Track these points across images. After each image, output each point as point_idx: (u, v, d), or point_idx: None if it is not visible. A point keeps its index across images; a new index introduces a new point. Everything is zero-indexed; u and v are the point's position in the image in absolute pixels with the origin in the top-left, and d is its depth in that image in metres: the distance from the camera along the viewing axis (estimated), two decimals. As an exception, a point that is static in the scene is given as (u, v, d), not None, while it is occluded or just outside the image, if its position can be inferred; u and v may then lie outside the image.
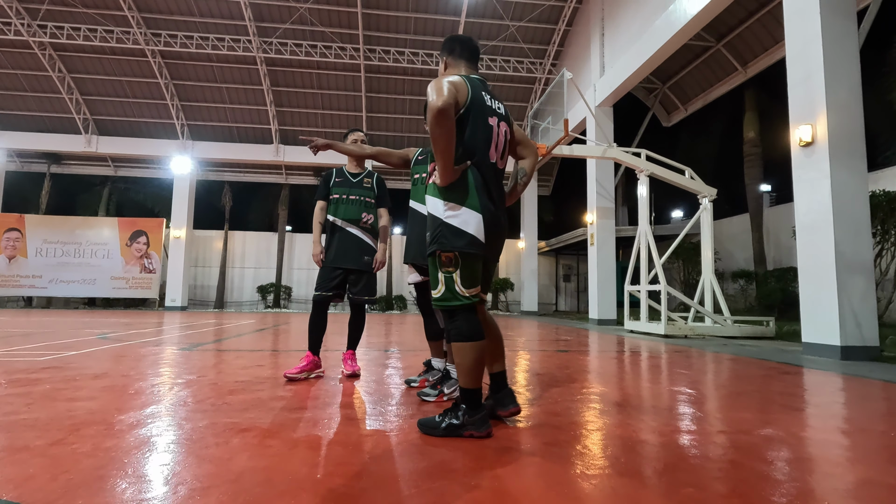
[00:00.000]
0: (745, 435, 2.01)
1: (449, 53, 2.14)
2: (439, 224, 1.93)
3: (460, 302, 1.92)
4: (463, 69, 2.12)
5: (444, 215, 1.92)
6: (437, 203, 1.95)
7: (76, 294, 17.19)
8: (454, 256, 1.90)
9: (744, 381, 3.50)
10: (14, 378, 3.03)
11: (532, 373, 3.68)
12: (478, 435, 1.89)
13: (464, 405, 1.92)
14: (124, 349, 4.78)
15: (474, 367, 1.90)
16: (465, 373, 1.91)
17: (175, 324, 9.18)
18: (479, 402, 1.92)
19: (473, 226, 1.90)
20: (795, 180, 5.60)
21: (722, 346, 6.40)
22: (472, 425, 1.89)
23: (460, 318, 1.93)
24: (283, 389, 2.84)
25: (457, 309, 1.94)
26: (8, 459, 1.55)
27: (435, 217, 1.95)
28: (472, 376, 1.91)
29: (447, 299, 1.94)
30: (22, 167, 19.04)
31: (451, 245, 1.89)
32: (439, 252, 1.92)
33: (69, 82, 16.16)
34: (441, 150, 1.83)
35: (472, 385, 1.91)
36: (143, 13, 14.59)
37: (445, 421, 1.91)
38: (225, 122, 17.63)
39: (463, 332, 1.91)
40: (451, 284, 1.92)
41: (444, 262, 1.92)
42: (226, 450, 1.70)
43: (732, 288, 14.06)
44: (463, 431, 1.89)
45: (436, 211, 1.95)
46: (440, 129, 1.78)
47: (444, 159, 1.85)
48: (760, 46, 11.88)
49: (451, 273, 1.91)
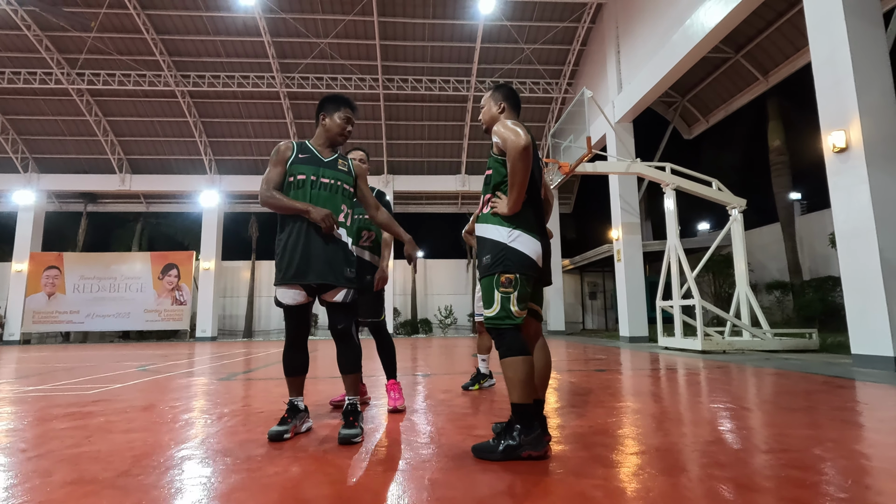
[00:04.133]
0: (816, 454, 1.93)
1: (506, 99, 2.32)
2: (503, 248, 2.05)
3: (512, 321, 2.01)
4: (513, 118, 2.30)
5: (508, 240, 2.05)
6: (500, 229, 2.08)
7: (112, 328, 17.66)
8: (514, 278, 2.02)
9: (798, 396, 3.37)
10: (69, 412, 3.11)
11: (574, 393, 3.62)
12: (536, 455, 1.88)
13: (518, 424, 1.91)
14: (166, 381, 4.88)
15: (527, 382, 1.93)
16: (518, 387, 1.93)
17: (207, 354, 9.34)
18: (533, 420, 1.92)
19: (534, 251, 2.07)
20: (832, 187, 5.46)
21: (764, 360, 6.18)
22: (530, 444, 1.87)
23: (509, 335, 2.01)
24: (328, 416, 2.85)
25: (507, 328, 2.02)
26: (80, 492, 1.59)
27: (497, 242, 2.07)
28: (525, 391, 1.93)
29: (501, 318, 2.02)
30: (60, 207, 19.90)
31: (514, 267, 2.02)
32: (500, 273, 2.03)
33: (104, 125, 16.96)
34: (519, 181, 2.00)
35: (525, 400, 1.92)
36: (174, 56, 15.32)
37: (503, 443, 1.91)
38: (250, 156, 18.18)
39: (514, 348, 1.98)
40: (507, 304, 2.01)
41: (504, 283, 2.02)
42: (286, 478, 1.71)
43: (768, 300, 13.63)
44: (521, 452, 1.88)
45: (498, 236, 2.08)
46: (523, 163, 1.97)
47: (520, 189, 2.02)
48: (781, 55, 11.77)
49: (509, 294, 2.02)
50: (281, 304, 2.40)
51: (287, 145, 2.45)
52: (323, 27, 14.57)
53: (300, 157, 2.43)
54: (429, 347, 10.49)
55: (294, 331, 2.43)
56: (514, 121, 2.11)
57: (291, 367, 2.44)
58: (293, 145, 2.46)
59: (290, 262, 2.32)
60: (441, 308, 19.83)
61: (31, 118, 16.79)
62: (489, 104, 2.32)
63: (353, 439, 2.21)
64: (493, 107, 2.29)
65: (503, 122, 2.08)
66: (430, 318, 19.79)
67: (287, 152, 2.42)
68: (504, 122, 2.09)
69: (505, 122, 2.09)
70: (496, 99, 2.31)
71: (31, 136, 17.24)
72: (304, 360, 2.46)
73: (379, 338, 3.21)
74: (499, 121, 2.18)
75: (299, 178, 2.40)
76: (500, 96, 2.31)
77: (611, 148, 11.78)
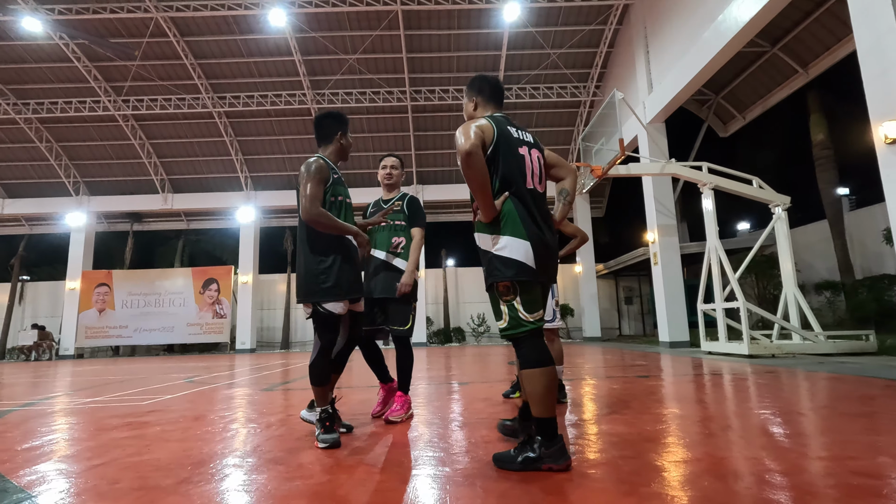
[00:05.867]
0: (884, 461, 1.83)
1: (478, 93, 2.21)
2: (490, 257, 1.97)
3: (526, 328, 1.92)
4: (491, 109, 2.20)
5: (493, 248, 1.96)
6: (486, 238, 2.00)
7: (157, 341, 18.39)
8: (510, 285, 1.92)
9: (858, 402, 3.19)
10: (126, 422, 3.26)
11: (617, 399, 3.54)
12: (556, 468, 1.82)
13: (539, 437, 1.87)
14: (212, 391, 5.04)
15: (547, 395, 1.87)
16: (538, 401, 1.87)
17: (247, 366, 9.59)
18: (555, 432, 1.85)
19: (522, 253, 1.92)
20: (885, 180, 5.20)
21: (817, 364, 5.89)
22: (550, 457, 1.83)
23: (527, 345, 1.93)
24: (372, 425, 2.88)
25: (523, 336, 1.93)
26: (146, 498, 1.66)
27: (485, 251, 2.00)
28: (546, 404, 1.86)
29: (513, 328, 1.93)
30: (109, 227, 20.95)
31: (503, 275, 1.92)
32: (496, 283, 1.96)
33: (148, 147, 17.80)
34: (476, 188, 1.91)
35: (547, 414, 1.85)
36: (211, 80, 15.99)
37: (522, 454, 1.87)
38: (284, 172, 18.71)
39: (530, 359, 1.90)
40: (515, 313, 1.93)
41: (503, 291, 1.94)
42: (337, 484, 1.74)
43: (817, 301, 13.00)
44: (541, 465, 1.84)
45: (485, 245, 2.00)
46: (470, 170, 1.87)
47: (482, 197, 1.92)
48: (821, 46, 11.32)
49: (511, 301, 1.93)
50: (324, 314, 2.44)
51: (324, 164, 2.49)
52: (351, 43, 14.93)
53: (334, 177, 2.53)
54: (463, 356, 10.47)
55: (334, 338, 2.51)
56: (478, 122, 2.00)
57: (326, 375, 2.47)
58: (327, 164, 2.52)
59: (354, 278, 2.54)
60: (474, 316, 19.76)
61: (81, 144, 17.81)
62: (465, 103, 2.26)
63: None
64: (469, 105, 2.24)
65: (464, 125, 1.97)
66: (463, 327, 19.74)
67: (327, 171, 2.48)
68: (466, 124, 1.98)
69: (466, 124, 1.98)
70: (469, 96, 2.24)
71: (81, 160, 18.27)
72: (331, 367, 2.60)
73: (401, 348, 3.07)
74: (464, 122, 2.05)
75: (339, 200, 2.51)
76: (473, 91, 2.22)
77: (643, 149, 11.56)
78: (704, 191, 8.33)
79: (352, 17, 14.17)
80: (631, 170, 9.23)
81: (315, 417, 2.51)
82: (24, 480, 1.92)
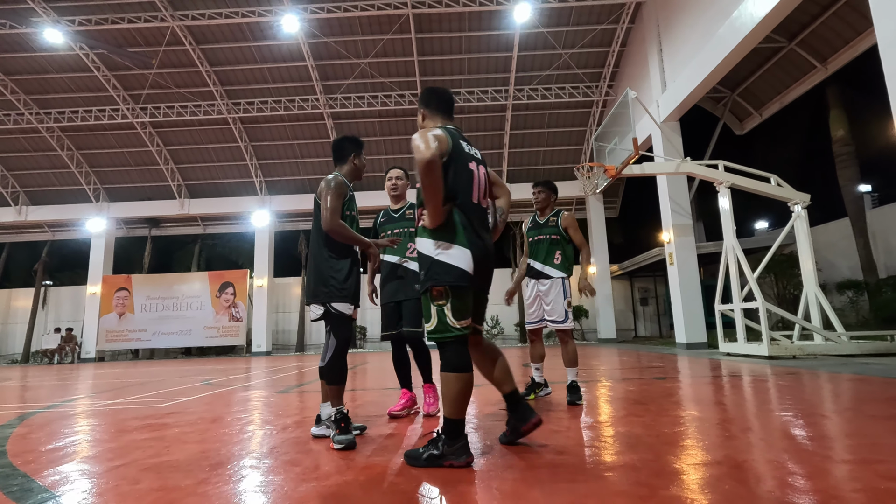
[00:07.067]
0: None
1: (426, 106, 2.29)
2: (430, 262, 2.05)
3: (452, 334, 2.01)
4: (439, 120, 2.26)
5: (435, 253, 2.03)
6: (428, 243, 2.07)
7: (175, 344, 18.68)
8: (444, 290, 2.00)
9: (885, 404, 3.11)
10: (146, 423, 3.31)
11: (633, 401, 3.49)
12: (457, 464, 1.93)
13: (444, 435, 1.97)
14: (229, 394, 5.10)
15: (458, 399, 1.98)
16: (450, 403, 1.99)
17: (263, 368, 9.68)
18: (460, 433, 1.96)
19: (464, 261, 2.01)
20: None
21: (840, 365, 5.75)
22: (452, 455, 1.94)
23: (450, 350, 2.03)
24: (386, 426, 2.89)
25: (448, 341, 2.02)
26: (166, 498, 1.68)
27: (426, 255, 2.07)
28: (456, 407, 1.97)
29: (440, 331, 2.02)
30: (128, 233, 21.34)
31: (442, 280, 2.00)
32: (432, 286, 2.02)
33: (165, 154, 18.12)
34: (430, 195, 1.98)
35: (455, 415, 1.97)
36: (225, 86, 16.24)
37: (427, 452, 1.98)
38: (298, 176, 18.90)
39: (451, 363, 2.01)
40: (443, 317, 2.01)
41: (436, 295, 2.02)
42: (353, 486, 1.75)
43: (839, 301, 12.71)
44: (443, 461, 1.94)
45: (426, 250, 2.07)
46: (429, 178, 1.94)
47: (434, 204, 1.99)
48: (840, 40, 11.09)
49: (442, 306, 2.01)
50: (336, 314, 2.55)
51: (343, 181, 2.66)
52: (363, 48, 15.03)
53: (350, 194, 2.74)
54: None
55: (349, 336, 2.63)
56: (435, 131, 2.04)
57: (344, 373, 2.59)
58: (345, 182, 2.69)
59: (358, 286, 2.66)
60: (487, 318, 19.71)
61: (101, 151, 18.19)
62: (418, 115, 2.33)
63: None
64: (419, 116, 2.31)
65: (419, 133, 2.01)
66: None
67: (345, 188, 2.65)
68: (420, 132, 2.02)
69: (421, 132, 2.02)
70: (419, 108, 2.31)
71: (101, 168, 18.65)
72: None
73: (417, 347, 3.26)
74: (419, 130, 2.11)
75: (354, 215, 2.72)
76: (421, 104, 2.30)
77: (657, 148, 11.44)
78: (721, 189, 8.20)
79: (363, 21, 14.27)
80: (645, 169, 9.13)
81: (323, 431, 2.61)
82: (49, 480, 1.96)
